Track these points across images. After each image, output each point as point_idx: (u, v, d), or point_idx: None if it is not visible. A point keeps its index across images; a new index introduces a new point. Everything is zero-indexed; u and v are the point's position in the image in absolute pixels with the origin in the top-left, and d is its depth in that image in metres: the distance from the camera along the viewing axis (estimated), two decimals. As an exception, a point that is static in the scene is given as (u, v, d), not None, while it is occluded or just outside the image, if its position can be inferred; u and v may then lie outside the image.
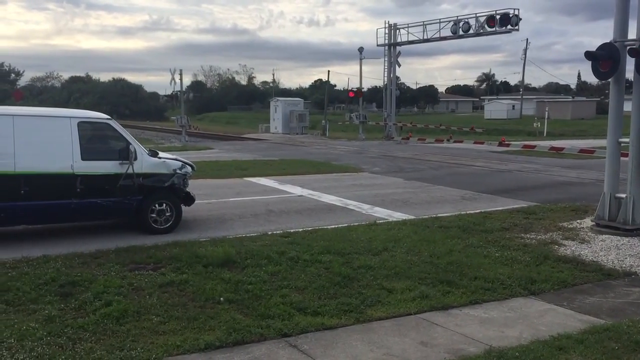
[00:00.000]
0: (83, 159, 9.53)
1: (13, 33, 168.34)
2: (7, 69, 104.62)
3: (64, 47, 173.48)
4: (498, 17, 32.01)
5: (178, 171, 10.49)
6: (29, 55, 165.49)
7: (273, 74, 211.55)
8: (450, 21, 34.61)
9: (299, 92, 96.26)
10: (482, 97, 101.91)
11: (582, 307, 6.78)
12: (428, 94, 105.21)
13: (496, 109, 75.81)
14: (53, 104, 65.42)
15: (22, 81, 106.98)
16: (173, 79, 35.17)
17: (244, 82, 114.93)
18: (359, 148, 31.22)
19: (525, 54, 77.41)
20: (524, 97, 79.63)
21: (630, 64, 9.81)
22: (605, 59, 9.90)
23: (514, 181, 17.82)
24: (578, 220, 11.06)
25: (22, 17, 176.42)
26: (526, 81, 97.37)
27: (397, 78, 40.88)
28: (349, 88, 61.10)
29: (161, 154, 10.90)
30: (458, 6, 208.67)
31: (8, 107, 10.88)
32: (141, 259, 8.12)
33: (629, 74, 10.26)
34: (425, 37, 36.52)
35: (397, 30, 38.10)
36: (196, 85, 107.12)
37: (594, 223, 10.39)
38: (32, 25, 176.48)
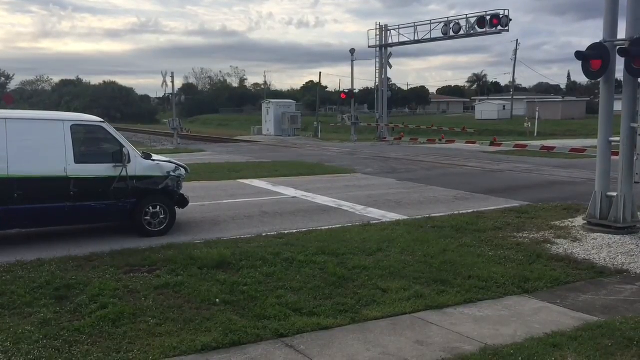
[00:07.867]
0: (76, 162, 9.52)
1: (0, 36, 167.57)
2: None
3: (52, 50, 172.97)
4: (488, 18, 32.23)
5: (172, 173, 10.48)
6: (18, 59, 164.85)
7: (264, 76, 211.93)
8: (440, 22, 34.78)
9: (290, 94, 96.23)
10: (473, 98, 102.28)
11: (575, 305, 6.84)
12: (419, 95, 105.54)
13: (487, 109, 76.19)
14: (44, 108, 64.97)
15: (12, 85, 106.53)
16: (165, 81, 35.06)
17: (235, 84, 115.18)
18: (352, 149, 31.27)
19: (515, 55, 77.83)
20: (514, 97, 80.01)
21: (620, 63, 9.92)
22: (595, 59, 9.98)
23: (506, 181, 17.93)
24: (570, 219, 11.15)
25: (8, 20, 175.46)
26: (516, 81, 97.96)
27: (389, 79, 40.95)
28: (341, 89, 61.29)
29: (155, 157, 10.89)
30: (446, 7, 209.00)
31: (0, 110, 10.83)
32: (136, 262, 8.12)
33: (619, 73, 10.38)
34: (416, 39, 36.65)
35: (388, 32, 38.21)
36: (187, 88, 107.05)
37: (585, 222, 10.47)
38: (20, 28, 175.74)
